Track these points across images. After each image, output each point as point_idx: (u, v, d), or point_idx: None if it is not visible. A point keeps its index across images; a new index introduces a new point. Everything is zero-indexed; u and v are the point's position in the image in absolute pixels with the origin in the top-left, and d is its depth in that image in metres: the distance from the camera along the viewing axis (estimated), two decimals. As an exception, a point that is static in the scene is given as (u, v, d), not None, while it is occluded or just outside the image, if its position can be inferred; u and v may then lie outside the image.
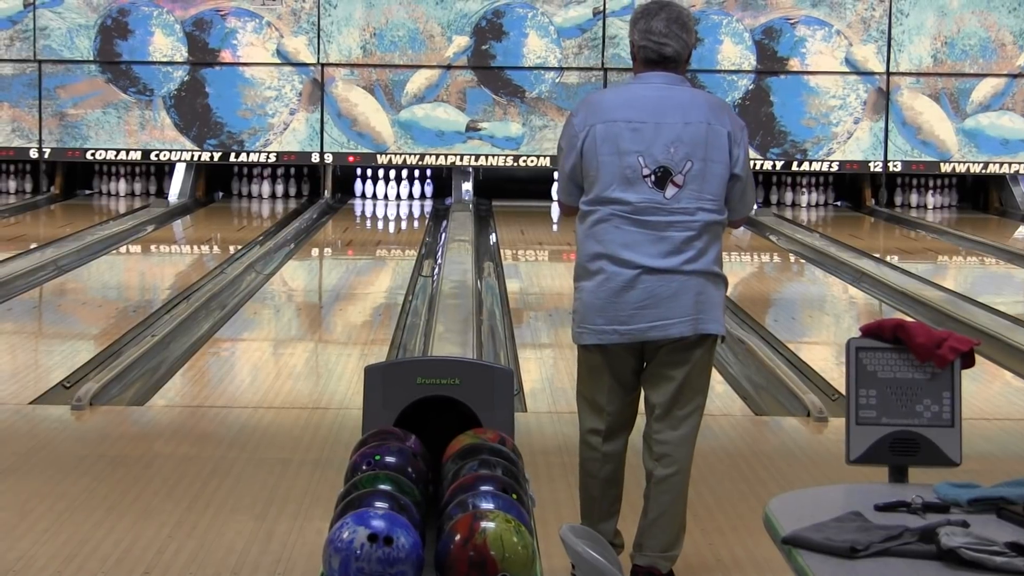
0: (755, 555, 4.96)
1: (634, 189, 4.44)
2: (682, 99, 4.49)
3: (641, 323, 4.46)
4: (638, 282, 4.45)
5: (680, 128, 4.44)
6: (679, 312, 4.45)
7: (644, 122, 4.45)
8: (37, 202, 16.78)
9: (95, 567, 4.75)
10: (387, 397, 4.59)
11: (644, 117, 4.46)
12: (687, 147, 4.43)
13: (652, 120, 4.45)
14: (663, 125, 4.44)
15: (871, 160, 17.27)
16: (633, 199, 4.44)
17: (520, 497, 3.84)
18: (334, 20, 16.95)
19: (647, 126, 4.44)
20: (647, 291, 4.45)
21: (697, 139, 4.43)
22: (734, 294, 11.03)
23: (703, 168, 4.44)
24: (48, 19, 16.97)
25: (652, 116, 4.46)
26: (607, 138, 4.46)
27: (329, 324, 10.01)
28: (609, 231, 4.47)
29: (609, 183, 4.47)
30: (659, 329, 4.46)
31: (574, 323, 4.61)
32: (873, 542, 2.92)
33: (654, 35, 4.49)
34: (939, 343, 3.63)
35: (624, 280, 4.46)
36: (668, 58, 4.51)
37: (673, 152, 4.43)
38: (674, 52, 4.50)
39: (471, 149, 17.06)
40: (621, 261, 4.46)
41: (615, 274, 4.47)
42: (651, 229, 4.44)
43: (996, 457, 6.40)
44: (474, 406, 4.56)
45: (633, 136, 4.44)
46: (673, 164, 4.42)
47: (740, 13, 17.08)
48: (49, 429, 6.63)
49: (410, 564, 3.36)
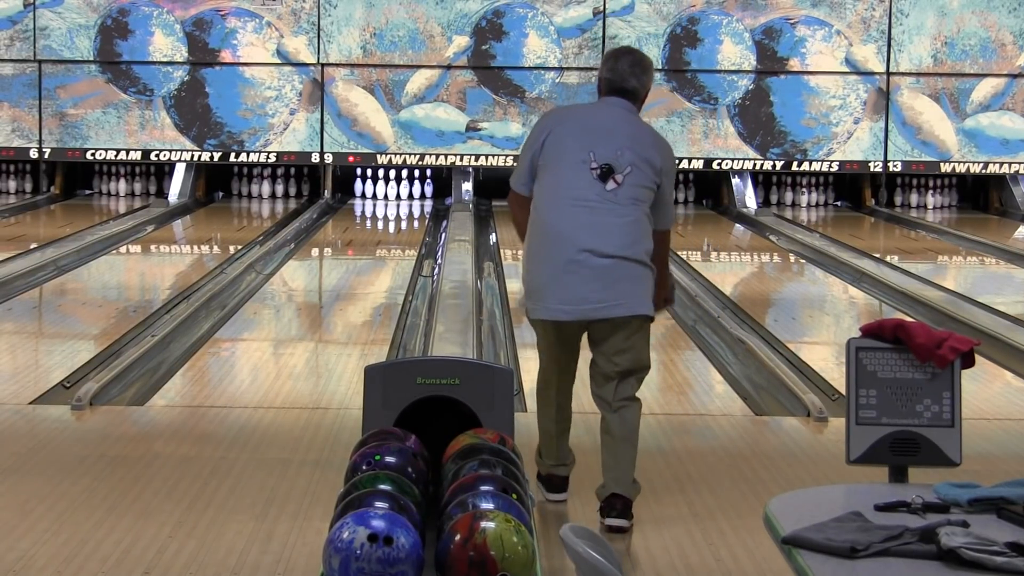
0: (755, 555, 4.96)
1: (580, 179, 5.15)
2: (634, 123, 5.30)
3: (585, 304, 5.15)
4: (580, 264, 5.12)
5: (628, 140, 5.21)
6: (618, 294, 5.14)
7: (599, 127, 5.24)
8: (37, 202, 16.78)
9: (95, 567, 4.75)
10: (387, 397, 4.59)
11: (600, 124, 5.26)
12: (631, 155, 5.18)
13: (605, 127, 5.24)
14: (615, 133, 5.22)
15: (871, 160, 17.27)
16: (579, 187, 5.15)
17: (520, 497, 3.84)
18: (334, 20, 16.96)
19: (601, 131, 5.22)
20: (589, 273, 5.12)
21: (639, 155, 5.19)
22: (734, 294, 11.03)
23: (639, 178, 5.17)
24: (48, 19, 16.97)
25: (607, 124, 5.26)
26: (566, 135, 5.21)
27: (329, 324, 10.01)
28: (554, 212, 5.17)
29: (562, 172, 5.18)
30: (603, 310, 5.15)
31: (527, 299, 5.28)
32: (873, 542, 2.92)
33: (619, 72, 5.32)
34: (939, 343, 3.63)
35: (566, 259, 5.13)
36: (627, 90, 5.31)
37: (618, 156, 5.17)
38: (632, 88, 5.31)
39: (471, 149, 17.06)
40: (565, 240, 5.13)
41: (559, 253, 5.14)
42: (591, 215, 5.14)
43: (996, 457, 6.40)
44: (474, 406, 4.56)
45: (587, 136, 5.20)
46: (617, 165, 5.16)
47: (740, 13, 17.08)
48: (49, 429, 6.63)
49: (410, 564, 3.36)
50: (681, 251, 13.29)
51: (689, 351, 8.86)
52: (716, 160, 17.20)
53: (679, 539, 5.15)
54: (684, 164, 17.17)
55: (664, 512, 5.50)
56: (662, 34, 17.04)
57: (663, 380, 8.05)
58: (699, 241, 14.75)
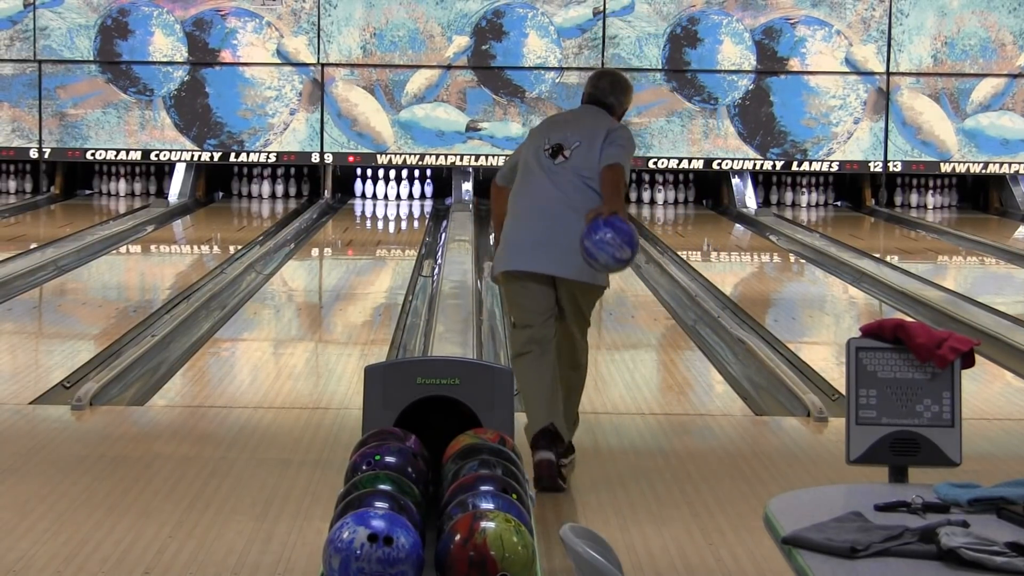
0: (755, 555, 4.96)
1: (537, 159, 5.91)
2: (596, 117, 5.96)
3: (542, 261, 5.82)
4: (535, 226, 5.83)
5: (581, 127, 5.91)
6: (564, 254, 5.74)
7: (561, 121, 6.09)
8: (37, 202, 16.78)
9: (95, 567, 4.75)
10: (387, 397, 4.59)
11: (563, 119, 6.14)
12: (578, 136, 5.87)
13: (566, 120, 6.07)
14: (572, 124, 5.99)
15: (871, 160, 17.27)
16: (533, 164, 5.91)
17: (520, 497, 3.84)
18: (334, 20, 16.96)
19: (561, 123, 6.04)
20: (542, 232, 5.80)
21: (588, 137, 5.86)
22: (734, 294, 11.03)
23: (586, 153, 5.82)
24: (48, 19, 16.97)
25: (569, 119, 6.11)
26: (537, 132, 6.04)
27: (329, 324, 10.01)
28: (519, 186, 5.94)
29: (528, 156, 5.95)
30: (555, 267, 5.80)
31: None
32: (873, 542, 2.92)
33: (600, 88, 6.04)
34: (939, 343, 3.63)
35: (526, 223, 5.86)
36: (604, 104, 6.02)
37: (567, 136, 5.89)
38: (609, 103, 6.01)
39: (471, 149, 17.07)
40: (526, 209, 5.88)
41: (520, 219, 5.90)
42: (542, 182, 5.85)
43: (996, 457, 6.40)
44: (474, 406, 4.56)
45: (550, 128, 6.01)
46: (565, 143, 5.88)
47: (740, 13, 17.08)
48: (49, 429, 6.63)
49: (410, 564, 3.36)
50: (681, 251, 13.29)
51: (689, 351, 8.86)
52: (716, 160, 17.20)
53: (679, 539, 5.15)
54: (684, 164, 17.17)
55: (664, 512, 5.51)
56: (662, 34, 17.04)
57: (663, 380, 8.06)
58: (699, 241, 14.75)
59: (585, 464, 6.16)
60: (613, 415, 7.05)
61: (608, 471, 6.08)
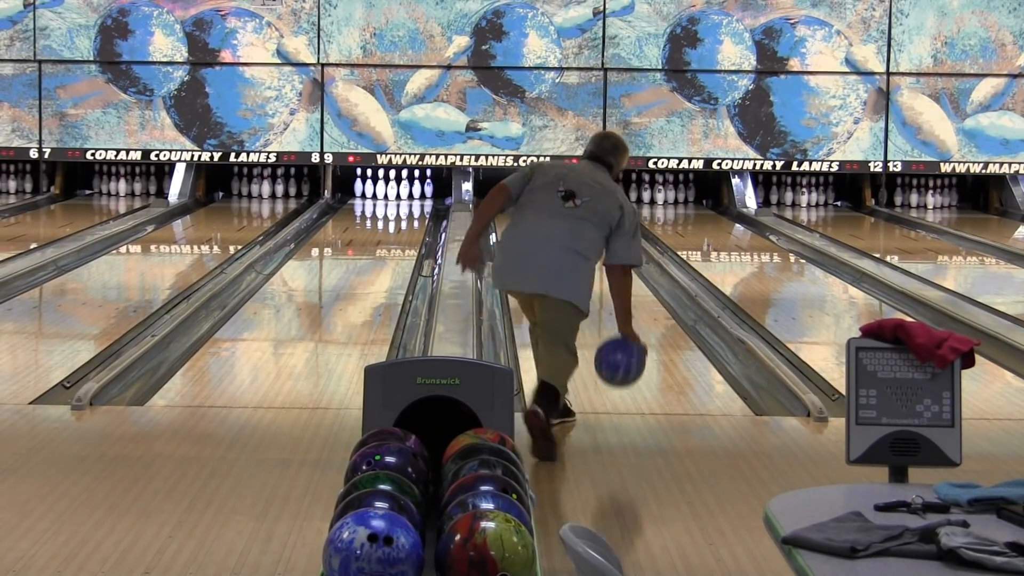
0: (755, 555, 4.96)
1: (548, 194, 6.59)
2: (601, 175, 6.70)
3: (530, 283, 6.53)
4: (538, 255, 6.51)
5: (592, 186, 6.59)
6: (553, 278, 6.46)
7: (571, 171, 6.74)
8: (37, 202, 16.78)
9: (95, 567, 4.75)
10: (387, 397, 4.59)
11: (576, 171, 6.73)
12: (590, 192, 6.57)
13: (579, 173, 6.70)
14: (582, 179, 6.65)
15: (871, 160, 17.27)
16: (545, 200, 6.58)
17: (520, 497, 3.84)
18: (334, 20, 16.96)
19: (572, 174, 6.69)
20: (541, 261, 6.49)
21: (599, 194, 6.57)
22: (734, 294, 11.03)
23: (593, 208, 6.53)
24: (48, 19, 16.97)
25: (580, 171, 6.73)
26: (549, 171, 6.72)
27: (329, 324, 10.01)
28: (529, 213, 6.61)
29: (537, 189, 6.62)
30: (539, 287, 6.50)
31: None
32: (873, 542, 2.92)
33: (603, 148, 6.82)
34: (939, 343, 3.63)
35: (527, 250, 6.53)
36: (604, 163, 6.78)
37: (580, 188, 6.58)
38: (609, 162, 6.78)
39: (471, 149, 17.07)
40: (527, 236, 6.56)
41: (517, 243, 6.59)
42: (552, 220, 6.52)
43: (996, 457, 6.40)
44: (474, 406, 4.56)
45: (565, 174, 6.69)
46: (577, 192, 6.57)
47: (740, 13, 17.08)
48: (49, 429, 6.63)
49: (410, 564, 3.36)
50: (681, 251, 13.29)
51: (689, 351, 8.86)
52: (716, 160, 17.20)
53: (679, 539, 5.15)
54: (684, 164, 17.17)
55: (664, 512, 5.50)
56: (662, 34, 17.04)
57: (663, 380, 8.05)
58: (699, 241, 14.75)
59: (585, 464, 6.16)
60: (613, 415, 7.06)
61: (608, 471, 6.08)
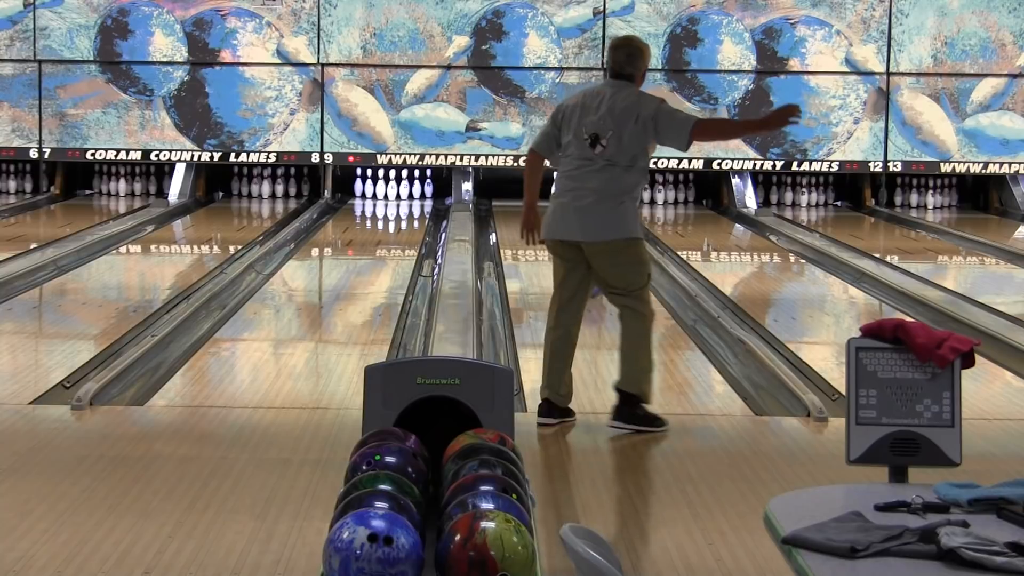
0: (755, 555, 4.96)
1: (579, 147, 6.67)
2: (621, 94, 6.69)
3: (572, 232, 6.66)
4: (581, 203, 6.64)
5: (611, 113, 6.62)
6: (596, 225, 6.60)
7: (591, 105, 6.70)
8: (37, 202, 16.78)
9: (95, 567, 4.75)
10: (387, 397, 4.59)
11: (593, 103, 6.71)
12: (612, 123, 6.61)
13: (595, 104, 6.69)
14: (601, 109, 6.65)
15: (871, 160, 17.27)
16: (577, 153, 6.67)
17: (520, 497, 3.84)
18: (334, 20, 16.96)
19: (591, 108, 6.69)
20: (584, 208, 6.63)
21: (620, 121, 6.61)
22: (734, 294, 11.03)
23: (619, 145, 6.60)
24: (48, 19, 16.97)
25: (595, 101, 6.71)
26: (572, 115, 6.72)
27: (329, 324, 10.01)
28: (566, 168, 6.75)
29: (570, 143, 6.71)
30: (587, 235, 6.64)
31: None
32: (873, 542, 2.92)
33: (617, 62, 6.79)
34: (939, 343, 3.63)
35: (570, 199, 6.68)
36: (624, 75, 6.77)
37: (602, 126, 6.62)
38: (628, 73, 6.75)
39: (471, 149, 17.07)
40: (570, 190, 6.69)
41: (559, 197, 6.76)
42: (588, 171, 6.64)
43: (996, 457, 6.40)
44: (474, 406, 4.56)
45: (583, 114, 6.69)
46: (600, 132, 6.63)
47: (740, 13, 17.08)
48: (49, 429, 6.63)
49: (410, 564, 3.36)
50: (681, 251, 13.29)
51: (689, 351, 8.86)
52: (716, 160, 17.20)
53: (679, 539, 5.15)
54: (684, 164, 17.17)
55: (664, 512, 5.51)
56: (662, 34, 17.04)
57: (663, 380, 8.06)
58: (699, 241, 14.75)
59: (585, 464, 6.16)
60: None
61: (608, 471, 6.08)
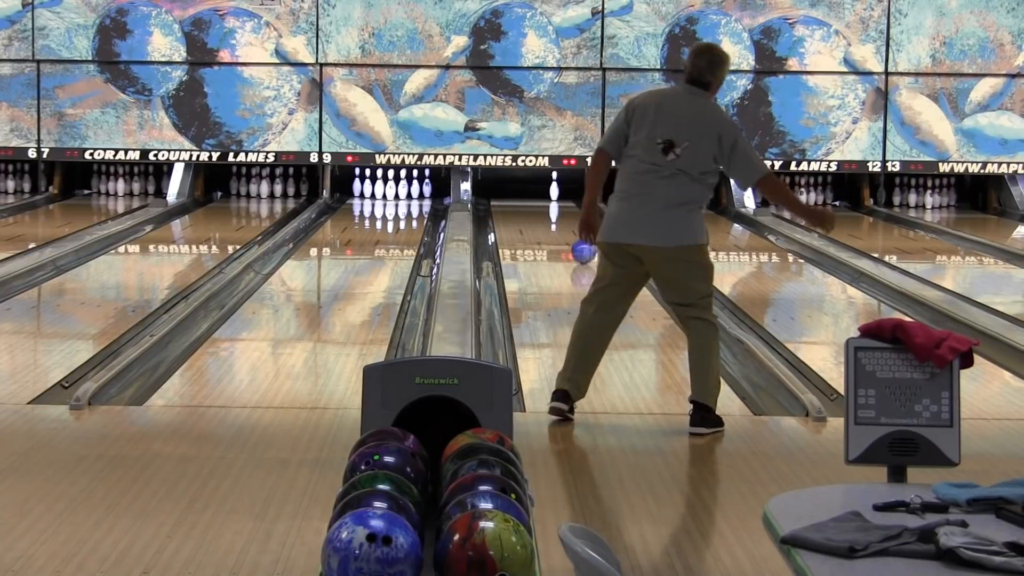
0: (755, 555, 4.96)
1: (649, 150, 6.57)
2: (697, 104, 6.67)
3: (638, 235, 6.61)
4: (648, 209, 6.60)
5: (689, 124, 6.57)
6: (663, 230, 6.59)
7: (667, 109, 6.64)
8: (36, 202, 16.78)
9: (94, 567, 4.75)
10: (386, 397, 4.59)
11: (669, 107, 6.66)
12: (688, 132, 6.54)
13: (672, 109, 6.63)
14: (677, 113, 6.61)
15: (869, 160, 17.27)
16: (647, 157, 6.57)
17: (519, 497, 3.84)
18: (333, 20, 16.95)
19: (667, 112, 6.61)
20: (651, 214, 6.59)
21: (697, 133, 6.55)
22: (733, 294, 11.03)
23: (693, 157, 6.55)
24: (47, 19, 16.97)
25: (672, 106, 6.67)
26: (645, 115, 6.61)
27: (328, 324, 10.01)
28: (633, 172, 6.63)
29: (639, 143, 6.60)
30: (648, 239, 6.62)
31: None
32: (872, 542, 2.92)
33: (698, 68, 6.69)
34: (938, 343, 3.63)
35: (636, 205, 6.61)
36: (702, 83, 6.69)
37: (678, 133, 6.53)
38: (707, 81, 6.69)
39: (470, 149, 17.07)
40: (636, 195, 6.61)
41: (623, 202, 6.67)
42: (656, 177, 6.57)
43: (995, 457, 6.40)
44: (473, 406, 4.56)
45: (658, 117, 6.59)
46: (676, 139, 6.54)
47: (739, 13, 17.08)
48: (48, 429, 6.63)
49: (409, 564, 3.36)
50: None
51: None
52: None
53: (679, 539, 5.16)
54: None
55: (664, 512, 5.51)
56: (660, 34, 17.04)
57: (663, 380, 8.06)
58: (698, 241, 14.72)
59: (585, 464, 6.16)
60: (612, 415, 7.05)
61: (607, 471, 6.08)
